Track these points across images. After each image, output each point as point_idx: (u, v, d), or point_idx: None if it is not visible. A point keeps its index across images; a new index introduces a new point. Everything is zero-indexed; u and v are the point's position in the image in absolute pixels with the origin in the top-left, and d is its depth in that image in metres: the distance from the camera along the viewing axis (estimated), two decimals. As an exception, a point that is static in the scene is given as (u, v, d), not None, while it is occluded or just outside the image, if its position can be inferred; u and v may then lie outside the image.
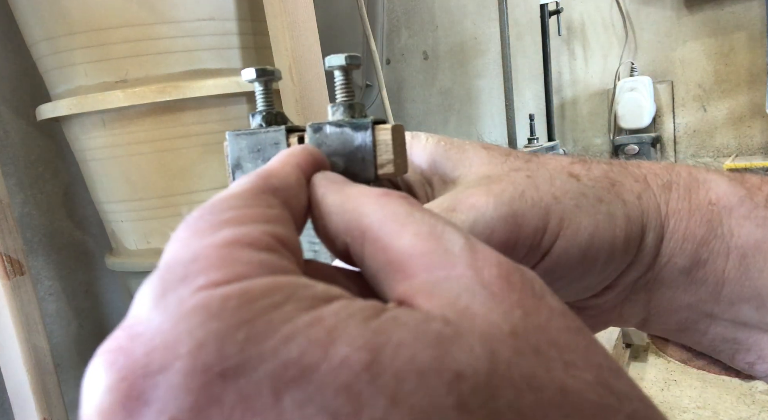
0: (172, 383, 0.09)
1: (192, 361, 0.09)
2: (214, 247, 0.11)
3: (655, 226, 0.23)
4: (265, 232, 0.12)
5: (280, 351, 0.09)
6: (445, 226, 0.13)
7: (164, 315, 0.10)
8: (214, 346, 0.09)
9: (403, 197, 0.14)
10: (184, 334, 0.09)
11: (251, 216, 0.13)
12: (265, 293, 0.10)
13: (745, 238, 0.22)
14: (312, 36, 0.89)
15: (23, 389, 0.86)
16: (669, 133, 1.56)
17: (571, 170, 0.23)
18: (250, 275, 0.11)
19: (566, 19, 1.64)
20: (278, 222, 0.13)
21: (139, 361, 0.09)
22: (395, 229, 0.13)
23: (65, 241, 1.19)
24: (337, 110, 0.20)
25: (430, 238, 0.13)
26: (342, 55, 0.20)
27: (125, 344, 0.10)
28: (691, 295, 0.23)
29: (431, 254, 0.12)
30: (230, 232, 0.12)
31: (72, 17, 0.84)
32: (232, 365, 0.09)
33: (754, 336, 0.23)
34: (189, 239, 0.12)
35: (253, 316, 0.10)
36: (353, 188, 0.15)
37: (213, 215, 0.12)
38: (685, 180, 0.23)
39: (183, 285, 0.10)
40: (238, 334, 0.09)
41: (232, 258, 0.11)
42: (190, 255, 0.11)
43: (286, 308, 0.10)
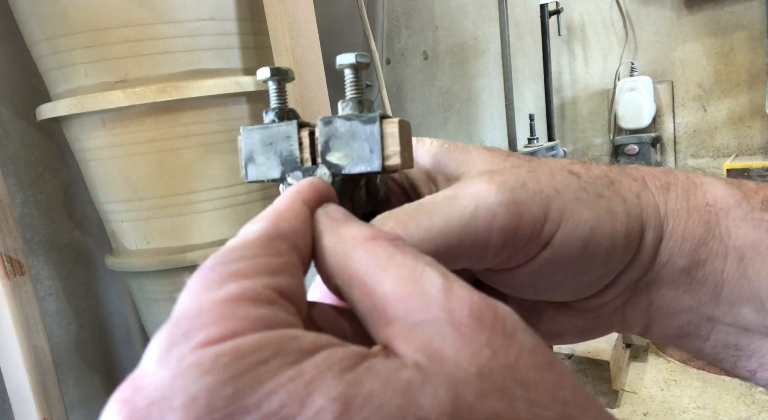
0: None
1: (185, 413, 0.10)
2: (217, 303, 0.12)
3: (654, 225, 0.23)
4: (267, 286, 0.13)
5: (262, 404, 0.10)
6: (425, 267, 0.14)
7: (165, 370, 0.11)
8: (205, 400, 0.10)
9: (389, 240, 0.15)
10: (179, 389, 0.10)
11: (257, 268, 0.14)
12: (255, 349, 0.11)
13: (742, 239, 0.22)
14: (312, 36, 0.89)
15: (23, 389, 0.86)
16: (669, 133, 1.56)
17: (571, 169, 0.23)
18: (244, 331, 0.12)
19: (566, 19, 1.64)
20: (283, 271, 0.14)
21: (140, 412, 0.10)
22: (378, 274, 0.14)
23: (65, 241, 1.19)
24: (346, 106, 0.21)
25: (409, 282, 0.14)
26: (352, 54, 0.21)
27: (130, 396, 0.11)
28: (691, 297, 0.23)
29: (409, 298, 0.13)
30: (234, 286, 0.13)
31: (72, 17, 0.84)
32: (220, 417, 0.10)
33: (756, 342, 0.23)
34: (198, 292, 0.13)
35: (241, 371, 0.11)
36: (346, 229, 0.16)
37: (223, 266, 0.14)
38: (682, 182, 0.24)
39: (184, 341, 0.12)
40: (226, 389, 0.10)
41: (230, 314, 0.12)
42: (195, 310, 0.12)
43: (273, 363, 0.11)
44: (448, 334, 0.12)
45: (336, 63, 0.21)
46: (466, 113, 1.90)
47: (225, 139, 0.92)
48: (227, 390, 0.10)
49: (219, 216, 0.95)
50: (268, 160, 0.22)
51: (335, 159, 0.20)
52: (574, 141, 1.72)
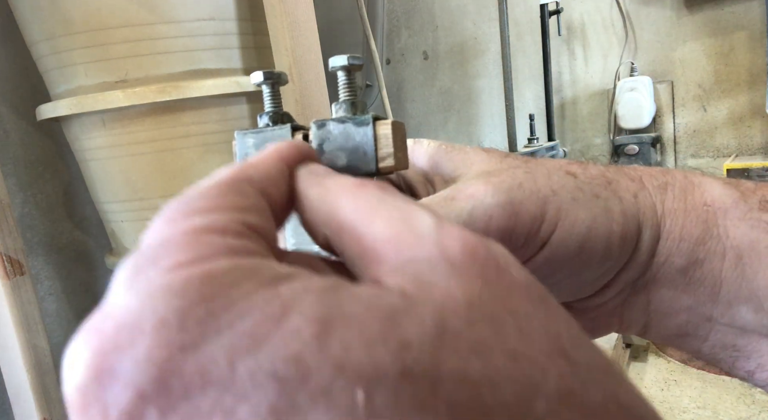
0: (137, 358, 0.10)
1: (155, 336, 0.10)
2: (182, 233, 0.12)
3: (652, 225, 0.23)
4: (234, 220, 0.13)
5: (235, 324, 0.10)
6: (414, 209, 0.14)
7: (133, 296, 0.11)
8: (175, 322, 0.10)
9: (377, 186, 0.15)
10: (148, 313, 0.10)
11: (222, 204, 0.13)
12: (226, 273, 0.11)
13: (740, 238, 0.22)
14: (312, 36, 0.89)
15: (23, 389, 0.86)
16: (669, 133, 1.56)
17: (569, 169, 0.23)
18: (213, 257, 0.11)
19: (566, 19, 1.64)
20: (250, 210, 0.14)
21: (110, 339, 0.10)
22: (367, 218, 0.14)
23: (65, 241, 1.19)
24: (340, 108, 0.21)
25: (399, 223, 0.13)
26: (344, 56, 0.21)
27: (99, 324, 0.11)
28: (689, 297, 0.23)
29: (400, 237, 0.13)
30: (199, 219, 0.12)
31: (72, 17, 0.84)
32: (191, 339, 0.10)
33: (754, 342, 0.23)
34: (162, 226, 0.12)
35: (212, 293, 0.10)
36: (332, 180, 0.16)
37: (187, 204, 0.13)
38: (680, 182, 0.24)
39: (151, 267, 0.11)
40: (197, 311, 0.10)
41: (197, 242, 0.12)
42: (160, 239, 0.12)
43: (246, 286, 0.11)
44: (439, 267, 0.12)
45: (329, 65, 0.21)
46: (466, 113, 1.90)
47: (225, 139, 0.92)
48: (199, 311, 0.10)
49: (219, 216, 0.95)
50: None
51: (329, 162, 0.20)
52: (574, 141, 1.72)
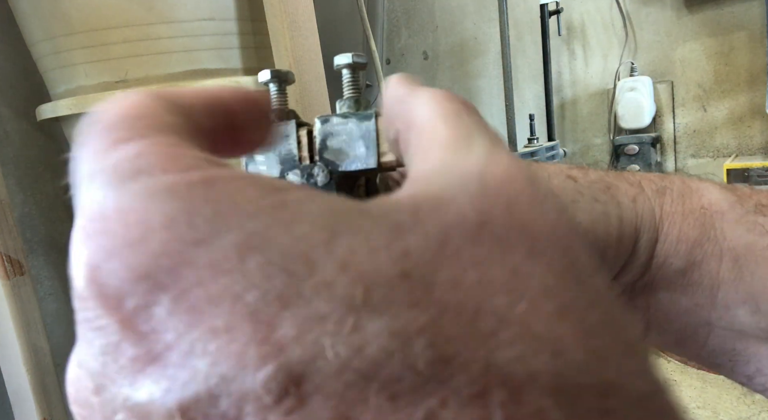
0: (151, 251, 0.10)
1: (166, 232, 0.10)
2: (154, 146, 0.11)
3: (649, 228, 0.23)
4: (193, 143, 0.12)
5: (245, 224, 0.10)
6: (483, 130, 0.14)
7: (132, 198, 0.10)
8: (185, 219, 0.10)
9: (463, 103, 0.15)
10: (155, 212, 0.10)
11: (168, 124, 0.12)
12: (227, 180, 0.11)
13: (736, 241, 0.22)
14: (312, 36, 0.89)
15: (23, 389, 0.86)
16: (669, 133, 1.56)
17: (569, 173, 0.24)
18: (206, 166, 0.11)
19: (566, 19, 1.64)
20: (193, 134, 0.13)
21: (118, 236, 0.10)
22: (438, 125, 0.14)
23: (65, 241, 1.18)
24: (344, 105, 0.22)
25: (462, 136, 0.14)
26: (349, 55, 0.22)
27: (99, 226, 0.10)
28: (688, 299, 0.23)
29: (453, 145, 0.13)
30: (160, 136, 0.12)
31: (72, 17, 0.84)
32: (202, 234, 0.10)
33: (752, 346, 0.23)
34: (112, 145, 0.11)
35: (218, 197, 0.10)
36: (423, 87, 0.16)
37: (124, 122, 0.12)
38: (678, 187, 0.24)
39: (141, 175, 0.11)
40: (205, 210, 0.10)
41: (178, 154, 0.11)
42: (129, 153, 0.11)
43: (250, 192, 0.11)
44: (470, 184, 0.12)
45: (333, 63, 0.22)
46: (466, 113, 1.90)
47: (225, 139, 0.91)
48: (207, 210, 0.10)
49: (219, 216, 0.95)
50: (267, 159, 0.22)
51: (332, 156, 0.21)
52: (574, 141, 1.72)
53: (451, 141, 0.13)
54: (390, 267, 0.10)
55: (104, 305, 0.10)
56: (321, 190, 0.21)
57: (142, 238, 0.10)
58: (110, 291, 0.10)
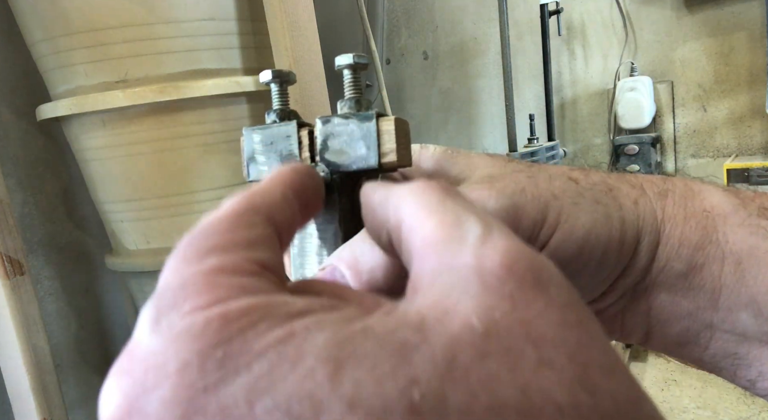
0: (164, 398, 0.10)
1: (179, 378, 0.10)
2: (200, 275, 0.13)
3: (651, 231, 0.23)
4: (247, 258, 0.13)
5: (252, 366, 0.10)
6: (470, 215, 0.14)
7: (157, 339, 0.11)
8: (197, 364, 0.11)
9: (441, 187, 0.15)
10: (172, 356, 0.11)
11: (234, 241, 0.14)
12: (243, 313, 0.11)
13: (739, 244, 0.22)
14: (312, 36, 0.89)
15: (23, 389, 0.86)
16: (669, 133, 1.56)
17: (571, 175, 0.24)
18: (230, 298, 0.12)
19: (566, 19, 1.64)
20: (260, 244, 0.14)
21: (138, 380, 0.11)
22: (424, 218, 0.14)
23: (65, 241, 1.19)
24: (345, 105, 0.22)
25: (451, 227, 0.13)
26: (350, 55, 0.22)
27: (127, 366, 0.11)
28: (690, 302, 0.23)
29: (445, 242, 0.13)
30: (214, 259, 0.13)
31: (72, 17, 0.84)
32: (213, 380, 0.10)
33: (754, 350, 0.23)
34: (179, 266, 0.13)
35: (230, 335, 0.11)
36: (400, 185, 0.16)
37: (200, 241, 0.14)
38: (680, 189, 0.24)
39: (173, 311, 0.12)
40: (217, 353, 0.11)
41: (214, 283, 0.12)
42: (178, 282, 0.13)
43: (261, 326, 0.11)
44: (470, 283, 0.12)
45: (335, 64, 0.22)
46: (466, 113, 1.90)
47: (225, 139, 0.92)
48: (218, 353, 0.11)
49: (219, 216, 0.95)
50: (268, 160, 0.22)
51: (333, 157, 0.21)
52: (574, 141, 1.72)
53: (442, 235, 0.13)
54: (398, 400, 0.10)
55: None
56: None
57: (157, 384, 0.11)
58: None
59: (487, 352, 0.10)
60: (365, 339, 0.11)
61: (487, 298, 0.11)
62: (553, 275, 0.12)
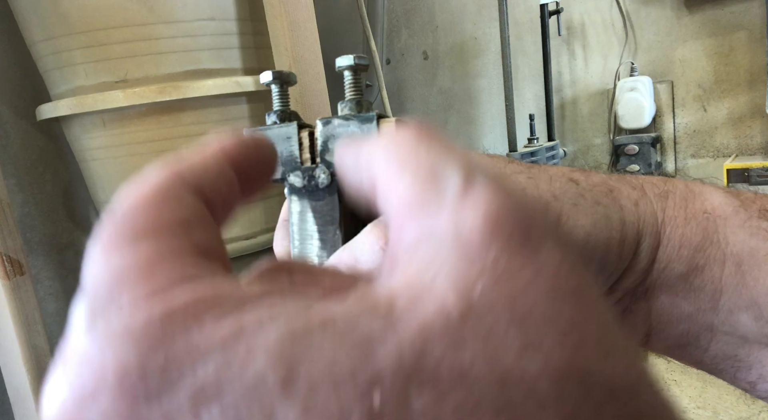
0: (103, 409, 0.09)
1: (119, 387, 0.09)
2: (134, 264, 0.11)
3: (652, 232, 0.23)
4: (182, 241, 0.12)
5: (197, 370, 0.09)
6: (447, 163, 0.12)
7: (94, 341, 0.10)
8: (137, 371, 0.09)
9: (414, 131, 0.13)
10: (110, 362, 0.10)
11: (165, 222, 0.12)
12: (186, 307, 0.10)
13: (740, 246, 0.22)
14: (312, 36, 0.89)
15: (23, 389, 0.86)
16: (669, 133, 1.56)
17: (571, 176, 0.24)
18: (171, 289, 0.11)
19: (566, 19, 1.64)
20: (194, 223, 0.13)
21: (75, 390, 0.10)
22: (395, 176, 0.12)
23: (65, 241, 1.19)
24: (345, 107, 0.22)
25: (427, 182, 0.11)
26: (351, 56, 0.22)
27: (62, 374, 0.10)
28: (690, 304, 0.23)
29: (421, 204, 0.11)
30: (147, 245, 0.12)
31: (72, 17, 0.84)
32: (154, 388, 0.09)
33: (755, 352, 0.23)
34: (107, 255, 0.12)
35: (173, 334, 0.10)
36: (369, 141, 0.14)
37: (127, 225, 0.12)
38: (681, 191, 0.24)
39: (109, 307, 0.11)
40: (158, 358, 0.10)
41: (152, 273, 0.11)
42: (112, 275, 0.11)
43: (206, 321, 0.10)
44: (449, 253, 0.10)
45: (335, 65, 0.22)
46: (466, 113, 1.90)
47: (225, 139, 0.92)
48: (160, 357, 0.10)
49: (219, 216, 0.95)
50: None
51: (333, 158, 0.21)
52: (574, 141, 1.72)
53: (416, 194, 0.11)
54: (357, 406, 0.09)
55: None
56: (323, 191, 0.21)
57: (96, 394, 0.10)
58: None
59: (462, 340, 0.09)
60: (323, 332, 0.09)
61: (467, 272, 0.10)
62: (545, 231, 0.11)
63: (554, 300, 0.10)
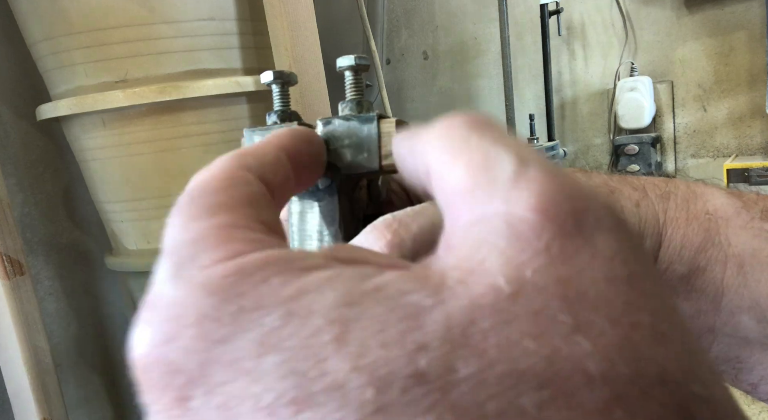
0: (185, 347, 0.11)
1: (197, 329, 0.11)
2: (213, 229, 0.13)
3: (653, 233, 0.23)
4: (252, 216, 0.14)
5: (263, 320, 0.11)
6: (501, 149, 0.12)
7: (178, 290, 0.12)
8: (213, 317, 0.11)
9: (466, 120, 0.13)
10: (191, 308, 0.11)
11: (237, 198, 0.14)
12: (258, 267, 0.11)
13: (741, 247, 0.22)
14: (312, 36, 0.89)
15: (23, 389, 0.86)
16: (669, 133, 1.56)
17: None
18: (245, 251, 0.12)
19: (566, 19, 1.64)
20: (261, 202, 0.14)
21: (161, 330, 0.11)
22: (449, 163, 0.13)
23: (65, 241, 1.19)
24: (346, 107, 0.22)
25: (480, 169, 0.12)
26: (351, 57, 0.22)
27: (150, 317, 0.12)
28: (692, 305, 0.23)
29: (475, 189, 0.12)
30: (223, 216, 0.13)
31: (72, 17, 0.84)
32: (226, 333, 0.11)
33: (756, 354, 0.23)
34: (187, 222, 0.13)
35: (244, 290, 0.11)
36: (425, 129, 0.15)
37: (203, 199, 0.14)
38: (683, 192, 0.24)
39: (191, 263, 0.12)
40: (230, 307, 0.11)
41: (229, 237, 0.13)
42: (192, 236, 0.13)
43: (274, 281, 0.11)
44: (500, 235, 0.10)
45: (336, 65, 0.22)
46: (466, 113, 1.90)
47: (225, 139, 0.92)
48: (232, 308, 0.11)
49: (219, 216, 0.95)
50: None
51: (334, 158, 0.21)
52: (574, 141, 1.72)
53: (470, 180, 0.12)
54: (403, 366, 0.09)
55: (151, 391, 0.11)
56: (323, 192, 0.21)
57: (177, 334, 0.11)
58: (154, 381, 0.11)
59: (512, 317, 0.09)
60: (376, 299, 0.10)
61: (519, 253, 0.10)
62: (600, 218, 0.11)
63: (608, 284, 0.10)
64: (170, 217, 0.14)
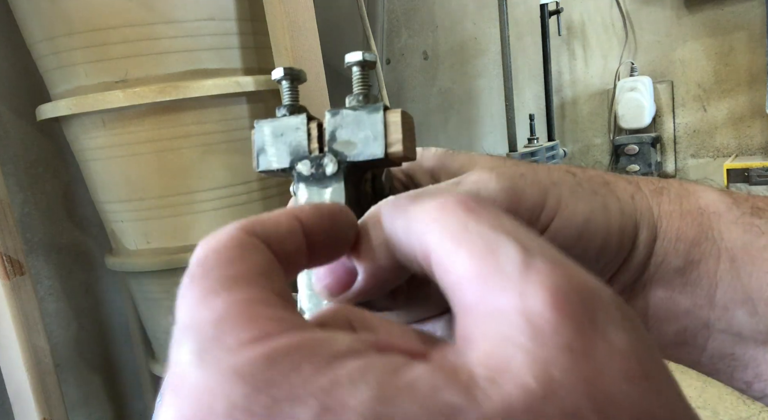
0: None
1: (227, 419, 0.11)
2: (235, 306, 0.12)
3: (648, 225, 0.24)
4: (270, 289, 0.13)
5: (296, 413, 0.10)
6: (500, 236, 0.13)
7: (205, 375, 0.11)
8: (244, 407, 0.11)
9: (459, 203, 0.14)
10: (220, 396, 0.11)
11: (252, 270, 0.13)
12: (286, 352, 0.11)
13: (733, 241, 0.23)
14: (312, 36, 0.89)
15: (23, 389, 0.86)
16: (669, 133, 1.56)
17: (568, 169, 0.25)
18: (272, 332, 0.12)
19: (566, 19, 1.64)
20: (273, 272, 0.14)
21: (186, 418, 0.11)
22: (452, 249, 0.13)
23: (65, 241, 1.19)
24: (353, 100, 0.23)
25: (484, 257, 0.12)
26: (359, 52, 0.23)
27: (175, 402, 0.11)
28: (687, 298, 0.23)
29: (484, 278, 0.12)
30: (242, 290, 0.13)
31: (72, 17, 0.84)
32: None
33: (750, 350, 0.23)
34: (205, 298, 0.13)
35: (276, 378, 0.11)
36: (415, 207, 0.15)
37: (217, 271, 0.13)
38: (675, 188, 0.25)
39: (217, 345, 0.12)
40: (263, 398, 0.11)
41: (253, 316, 0.12)
42: (216, 317, 0.12)
43: (305, 370, 0.11)
44: (521, 332, 0.11)
45: (344, 61, 0.23)
46: (466, 113, 1.90)
47: (225, 139, 0.92)
48: (264, 398, 0.11)
49: (219, 216, 0.95)
50: (278, 151, 0.23)
51: (341, 147, 0.22)
52: (574, 141, 1.72)
53: (476, 269, 0.12)
54: None
55: None
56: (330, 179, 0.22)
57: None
58: None
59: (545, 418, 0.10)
60: (410, 398, 0.10)
61: (543, 352, 0.10)
62: (609, 310, 0.11)
63: (627, 382, 0.10)
64: (184, 289, 0.13)
